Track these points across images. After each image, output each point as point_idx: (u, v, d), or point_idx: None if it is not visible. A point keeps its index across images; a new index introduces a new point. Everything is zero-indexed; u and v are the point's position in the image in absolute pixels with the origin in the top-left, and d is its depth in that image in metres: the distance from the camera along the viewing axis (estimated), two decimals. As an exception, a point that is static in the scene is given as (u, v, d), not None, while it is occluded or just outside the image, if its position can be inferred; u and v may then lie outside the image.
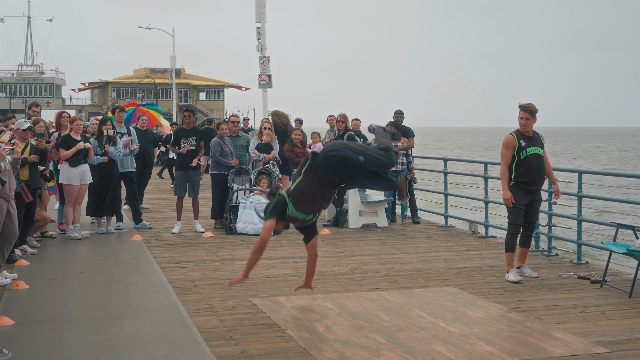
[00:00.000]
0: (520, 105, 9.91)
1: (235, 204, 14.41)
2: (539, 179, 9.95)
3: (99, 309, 8.43)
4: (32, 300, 8.88)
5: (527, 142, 9.83)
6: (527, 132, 9.88)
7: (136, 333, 7.44)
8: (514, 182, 9.86)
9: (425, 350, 6.91)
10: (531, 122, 9.84)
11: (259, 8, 27.85)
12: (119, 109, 16.00)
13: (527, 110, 9.80)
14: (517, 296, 9.09)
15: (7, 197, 9.53)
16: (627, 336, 7.36)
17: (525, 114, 9.80)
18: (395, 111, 16.28)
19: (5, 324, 7.72)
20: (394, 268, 10.90)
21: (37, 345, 7.06)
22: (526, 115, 9.79)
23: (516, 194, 9.82)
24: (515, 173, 9.84)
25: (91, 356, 6.70)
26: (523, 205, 9.89)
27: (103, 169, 13.97)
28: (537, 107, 9.91)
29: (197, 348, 6.95)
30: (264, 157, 15.09)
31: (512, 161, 9.84)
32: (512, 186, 9.85)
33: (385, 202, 15.34)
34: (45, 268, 10.88)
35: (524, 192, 9.85)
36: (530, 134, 9.90)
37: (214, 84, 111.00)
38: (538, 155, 9.84)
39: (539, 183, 9.97)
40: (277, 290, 9.43)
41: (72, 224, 13.45)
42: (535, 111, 9.85)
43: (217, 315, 8.17)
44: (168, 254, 12.02)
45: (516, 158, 9.81)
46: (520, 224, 9.99)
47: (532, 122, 9.85)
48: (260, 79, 28.08)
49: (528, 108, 9.81)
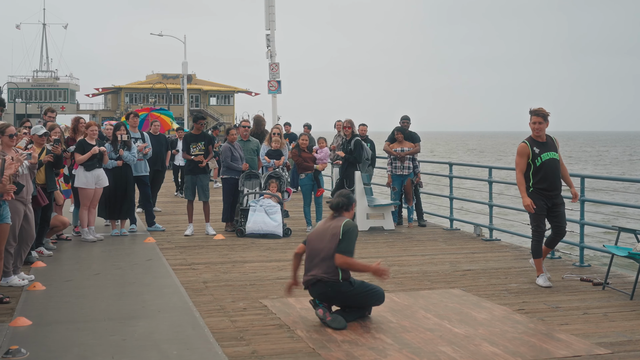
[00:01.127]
0: (531, 110, 9.74)
1: (246, 207, 14.44)
2: (558, 184, 9.78)
3: (114, 310, 8.47)
4: (49, 301, 8.92)
5: (540, 148, 9.67)
6: (540, 137, 9.70)
7: (150, 333, 7.47)
8: (532, 188, 9.71)
9: (431, 350, 6.92)
10: (544, 127, 9.67)
11: (269, 16, 27.93)
12: (132, 114, 16.08)
13: (539, 115, 9.62)
14: (521, 298, 9.09)
15: (24, 201, 9.59)
16: (629, 337, 7.36)
17: (537, 119, 9.63)
18: (402, 117, 16.33)
19: (22, 324, 7.75)
20: (401, 270, 10.91)
21: (54, 345, 7.10)
22: (538, 120, 9.63)
23: (537, 200, 9.66)
24: (533, 180, 9.68)
25: (106, 356, 6.74)
26: (544, 211, 9.73)
27: (117, 173, 14.04)
28: (548, 111, 9.74)
29: (209, 348, 6.98)
30: (274, 163, 15.14)
31: (529, 169, 9.69)
32: (532, 193, 9.69)
33: (392, 205, 15.36)
34: (61, 270, 10.93)
35: (544, 197, 9.69)
36: (543, 139, 9.73)
37: (224, 90, 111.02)
38: (554, 160, 9.67)
39: (557, 188, 9.79)
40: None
41: (87, 227, 13.51)
42: (547, 115, 9.68)
43: (229, 316, 8.20)
44: (180, 256, 12.07)
45: (532, 166, 9.66)
46: (544, 230, 9.83)
47: (545, 126, 9.68)
48: (270, 85, 28.13)
49: (540, 112, 9.64)
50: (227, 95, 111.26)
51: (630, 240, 10.32)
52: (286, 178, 15.16)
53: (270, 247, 12.96)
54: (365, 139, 16.31)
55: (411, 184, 15.66)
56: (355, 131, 15.77)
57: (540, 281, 9.76)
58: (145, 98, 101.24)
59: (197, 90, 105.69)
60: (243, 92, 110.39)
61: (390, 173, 15.74)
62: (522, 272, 10.80)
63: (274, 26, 27.93)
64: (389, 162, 15.87)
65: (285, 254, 12.17)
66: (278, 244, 13.31)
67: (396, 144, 15.74)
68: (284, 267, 11.08)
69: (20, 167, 9.22)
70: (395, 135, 15.76)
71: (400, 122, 16.19)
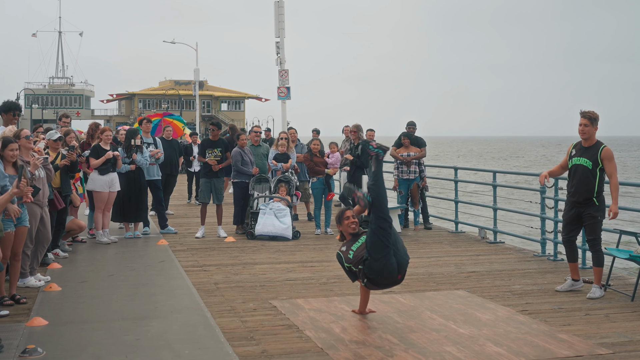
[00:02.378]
0: (580, 111, 9.21)
1: (256, 210, 14.47)
2: (580, 192, 9.19)
3: (127, 310, 8.49)
4: (64, 301, 8.95)
5: (578, 152, 9.26)
6: (586, 140, 9.17)
7: (163, 333, 7.50)
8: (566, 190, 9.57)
9: (437, 350, 6.93)
10: (589, 130, 9.09)
11: (278, 24, 28.01)
12: (146, 120, 16.14)
13: (585, 117, 9.09)
14: (524, 299, 9.09)
15: (40, 204, 9.64)
16: (630, 338, 7.36)
17: (583, 120, 9.09)
18: (408, 122, 16.36)
19: (39, 324, 7.79)
20: (407, 272, 10.88)
21: (69, 344, 7.13)
22: (584, 122, 9.08)
23: (566, 204, 9.51)
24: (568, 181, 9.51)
25: (120, 355, 6.76)
26: (567, 217, 9.46)
27: (131, 177, 14.09)
28: (597, 114, 9.16)
29: (220, 348, 7.00)
30: (282, 167, 15.18)
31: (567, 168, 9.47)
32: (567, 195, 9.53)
33: (399, 208, 15.36)
34: (77, 271, 10.97)
35: (569, 203, 9.38)
36: (587, 143, 9.18)
37: (235, 95, 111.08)
38: (582, 167, 9.14)
39: (580, 196, 9.20)
40: (295, 292, 9.46)
41: (101, 229, 13.56)
42: (594, 118, 9.09)
43: (239, 316, 8.22)
44: (192, 258, 12.09)
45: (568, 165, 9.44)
46: (565, 235, 9.53)
47: (590, 129, 9.10)
48: (279, 91, 28.16)
49: (586, 115, 9.10)
50: (237, 101, 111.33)
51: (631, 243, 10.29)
52: (295, 182, 15.19)
53: (280, 249, 12.98)
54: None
55: (417, 187, 15.66)
56: (361, 136, 15.80)
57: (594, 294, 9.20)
58: (158, 104, 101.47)
59: (209, 96, 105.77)
60: (253, 98, 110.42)
61: (397, 177, 15.74)
62: (526, 273, 10.80)
63: (284, 34, 28.02)
64: (395, 166, 15.88)
65: (295, 256, 12.20)
66: (287, 246, 13.33)
67: (403, 148, 15.75)
68: (293, 268, 11.11)
69: (36, 170, 9.28)
70: (402, 140, 15.78)
71: (406, 128, 16.21)
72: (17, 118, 10.61)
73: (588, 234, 9.35)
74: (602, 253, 9.33)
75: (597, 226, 9.25)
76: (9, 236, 8.50)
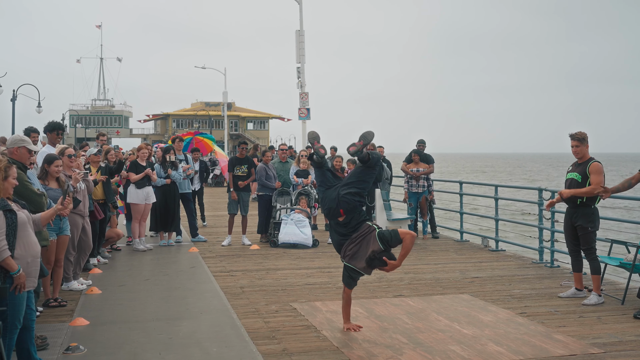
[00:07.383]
0: (569, 134, 9.29)
1: (278, 220, 14.52)
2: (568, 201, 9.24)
3: (161, 311, 8.53)
4: (104, 303, 9.01)
5: (573, 168, 9.35)
6: (579, 159, 9.21)
7: (193, 333, 7.52)
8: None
9: (442, 349, 6.92)
10: (581, 149, 9.16)
11: (299, 50, 28.16)
12: (178, 139, 16.24)
13: (575, 138, 9.15)
14: (523, 302, 9.05)
15: (82, 214, 9.72)
16: (620, 338, 7.31)
17: (573, 142, 9.17)
18: (418, 140, 16.35)
19: (81, 324, 7.84)
20: (416, 277, 10.90)
21: (108, 342, 7.16)
22: (574, 143, 9.15)
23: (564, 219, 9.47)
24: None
25: (154, 352, 6.79)
26: (565, 230, 9.44)
27: (166, 190, 14.19)
28: (584, 133, 9.22)
29: (245, 346, 7.01)
30: (303, 182, 15.24)
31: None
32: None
33: (409, 219, 15.36)
34: (115, 276, 11.03)
35: (567, 212, 9.38)
36: (581, 160, 9.21)
37: (260, 116, 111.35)
38: (574, 180, 9.16)
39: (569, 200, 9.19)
40: (314, 296, 9.47)
41: (138, 238, 13.64)
42: (582, 137, 9.14)
43: (262, 317, 8.23)
44: (220, 264, 12.13)
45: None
46: (570, 248, 9.47)
47: (582, 148, 9.17)
48: (300, 112, 28.25)
49: (575, 136, 9.17)
50: (262, 121, 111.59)
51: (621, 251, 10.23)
52: (314, 195, 15.23)
53: (300, 256, 12.99)
54: (383, 159, 16.33)
55: (425, 200, 15.65)
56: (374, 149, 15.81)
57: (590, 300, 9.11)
58: (190, 123, 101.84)
59: (236, 116, 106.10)
60: (277, 118, 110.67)
61: (407, 190, 15.74)
62: (525, 279, 10.75)
63: (304, 60, 28.16)
64: (405, 180, 15.88)
65: (313, 262, 12.21)
66: (307, 253, 13.34)
67: (412, 164, 15.76)
68: (312, 274, 11.12)
69: (77, 184, 9.38)
70: (412, 157, 15.80)
71: (416, 145, 16.21)
72: (60, 137, 10.71)
73: (582, 245, 9.30)
74: (598, 262, 9.28)
75: (590, 237, 9.21)
76: (51, 244, 8.58)
